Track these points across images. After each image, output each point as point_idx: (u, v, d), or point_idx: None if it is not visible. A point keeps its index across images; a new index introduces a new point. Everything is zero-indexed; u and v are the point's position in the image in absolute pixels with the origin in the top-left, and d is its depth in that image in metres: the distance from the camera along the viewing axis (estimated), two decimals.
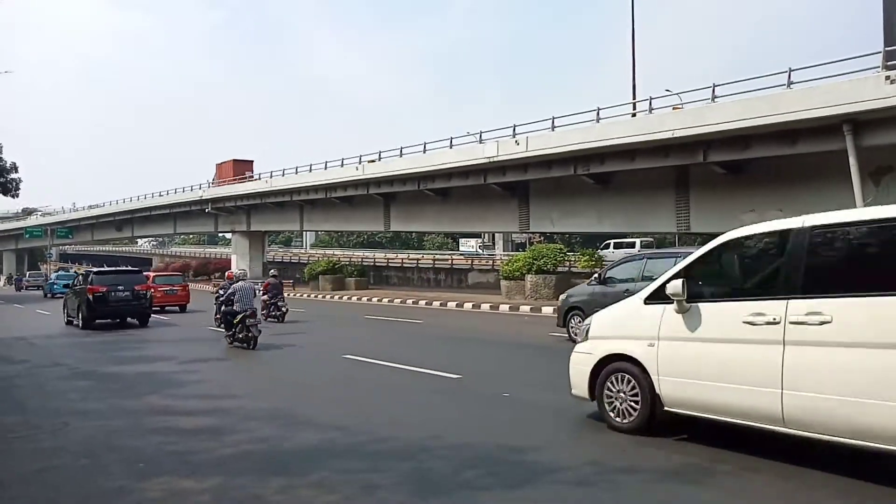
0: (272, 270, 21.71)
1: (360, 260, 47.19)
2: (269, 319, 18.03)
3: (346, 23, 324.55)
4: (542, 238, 41.65)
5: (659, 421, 5.49)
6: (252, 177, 43.91)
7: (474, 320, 18.79)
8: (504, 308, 21.66)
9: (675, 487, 4.44)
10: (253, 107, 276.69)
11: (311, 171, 34.58)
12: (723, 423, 5.04)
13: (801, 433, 4.55)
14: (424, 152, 27.41)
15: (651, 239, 38.75)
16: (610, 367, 5.82)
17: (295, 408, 7.27)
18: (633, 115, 20.51)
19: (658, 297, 5.48)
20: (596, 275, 13.87)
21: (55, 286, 35.68)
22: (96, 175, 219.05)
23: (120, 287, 18.00)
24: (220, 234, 68.22)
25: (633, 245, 35.60)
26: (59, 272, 44.13)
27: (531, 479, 4.62)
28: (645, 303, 5.66)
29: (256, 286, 14.33)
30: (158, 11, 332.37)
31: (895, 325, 4.05)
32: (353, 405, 7.51)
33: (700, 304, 5.17)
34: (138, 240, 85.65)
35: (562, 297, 13.77)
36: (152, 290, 19.73)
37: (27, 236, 62.30)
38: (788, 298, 4.62)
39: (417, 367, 9.62)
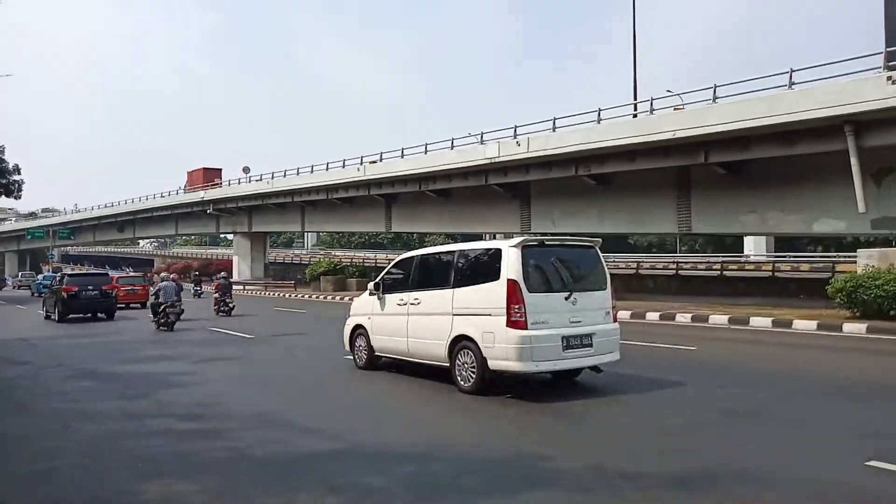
0: (222, 273, 27.32)
1: (361, 261, 47.23)
2: (219, 314, 21.11)
3: (346, 24, 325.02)
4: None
5: (376, 363, 9.54)
6: (220, 183, 46.13)
7: None
8: None
9: (680, 495, 4.45)
10: (253, 107, 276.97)
11: (312, 171, 34.60)
12: (394, 359, 9.21)
13: (415, 360, 8.65)
14: (426, 153, 27.43)
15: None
16: (356, 332, 9.89)
17: (297, 409, 7.29)
18: (634, 115, 20.51)
19: (379, 289, 9.42)
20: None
21: (41, 286, 37.21)
22: (98, 176, 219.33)
23: (90, 287, 21.22)
24: (222, 236, 68.27)
25: None
26: (46, 273, 44.75)
27: (533, 483, 4.61)
28: (369, 294, 9.63)
29: (188, 285, 19.27)
30: (157, 13, 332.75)
31: (435, 304, 8.21)
32: (355, 406, 7.53)
33: (385, 295, 9.27)
34: (140, 241, 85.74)
35: None
36: (117, 290, 23.13)
37: (29, 237, 62.42)
38: (410, 291, 8.77)
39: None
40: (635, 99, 24.65)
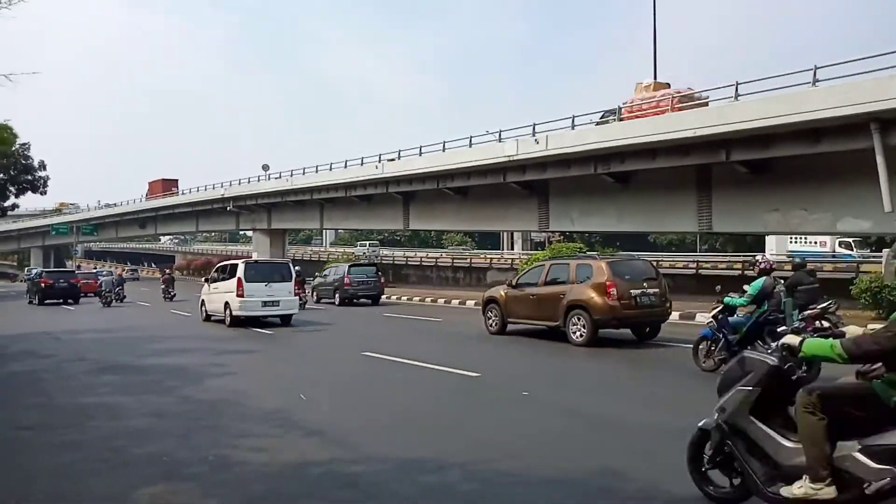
0: (167, 269, 36.20)
1: (379, 258, 47.32)
2: (165, 300, 28.32)
3: (361, 25, 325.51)
4: (561, 237, 41.48)
5: (210, 319, 17.79)
6: (176, 192, 52.69)
7: None
8: None
9: None
10: (272, 107, 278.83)
11: (331, 169, 34.72)
12: (215, 315, 17.55)
13: (217, 315, 17.20)
14: (444, 151, 27.40)
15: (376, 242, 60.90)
16: (202, 304, 18.41)
17: (317, 407, 7.32)
18: (655, 113, 20.28)
19: (208, 282, 18.44)
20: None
21: (31, 280, 40.69)
22: (121, 173, 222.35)
23: (61, 280, 29.47)
24: (242, 232, 68.79)
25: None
26: (37, 269, 47.29)
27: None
28: (206, 283, 18.62)
29: (124, 277, 31.71)
30: (175, 15, 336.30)
31: (223, 288, 17.05)
32: (375, 406, 7.53)
33: (211, 284, 18.03)
34: (161, 237, 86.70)
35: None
36: (79, 283, 30.71)
37: (54, 233, 63.41)
38: (217, 283, 17.65)
39: (437, 365, 9.63)
40: None
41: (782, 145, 16.57)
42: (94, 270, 47.73)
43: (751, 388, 3.70)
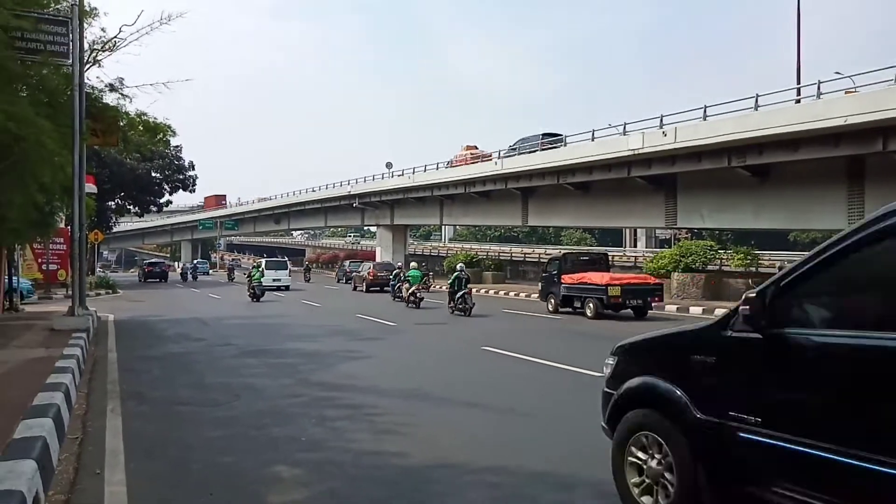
0: (233, 258, 51.87)
1: (496, 254, 47.47)
2: (229, 280, 40.03)
3: (484, 23, 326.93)
4: (688, 234, 39.51)
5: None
6: (225, 205, 69.56)
7: (614, 318, 18.22)
8: None
9: None
10: (394, 105, 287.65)
11: (450, 166, 35.33)
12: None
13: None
14: (565, 145, 27.00)
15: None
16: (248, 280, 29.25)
17: (450, 399, 7.46)
18: (797, 101, 18.78)
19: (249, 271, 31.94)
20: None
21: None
22: (258, 172, 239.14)
23: (157, 267, 47.40)
24: (366, 228, 71.70)
25: None
26: (149, 260, 59.69)
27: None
28: (253, 269, 30.16)
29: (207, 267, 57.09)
30: (311, 20, 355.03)
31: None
32: (499, 401, 7.59)
33: (254, 270, 29.60)
34: (293, 232, 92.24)
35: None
36: (168, 269, 49.72)
37: (200, 228, 69.47)
38: (257, 270, 27.20)
39: (559, 364, 9.51)
40: (798, 83, 22.56)
41: None
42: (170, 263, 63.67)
43: None
